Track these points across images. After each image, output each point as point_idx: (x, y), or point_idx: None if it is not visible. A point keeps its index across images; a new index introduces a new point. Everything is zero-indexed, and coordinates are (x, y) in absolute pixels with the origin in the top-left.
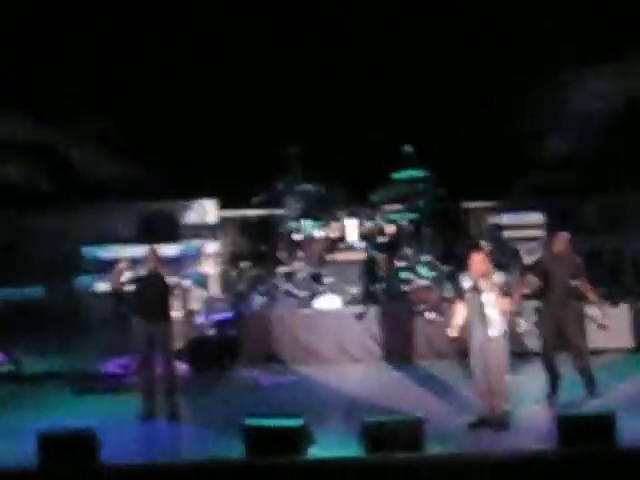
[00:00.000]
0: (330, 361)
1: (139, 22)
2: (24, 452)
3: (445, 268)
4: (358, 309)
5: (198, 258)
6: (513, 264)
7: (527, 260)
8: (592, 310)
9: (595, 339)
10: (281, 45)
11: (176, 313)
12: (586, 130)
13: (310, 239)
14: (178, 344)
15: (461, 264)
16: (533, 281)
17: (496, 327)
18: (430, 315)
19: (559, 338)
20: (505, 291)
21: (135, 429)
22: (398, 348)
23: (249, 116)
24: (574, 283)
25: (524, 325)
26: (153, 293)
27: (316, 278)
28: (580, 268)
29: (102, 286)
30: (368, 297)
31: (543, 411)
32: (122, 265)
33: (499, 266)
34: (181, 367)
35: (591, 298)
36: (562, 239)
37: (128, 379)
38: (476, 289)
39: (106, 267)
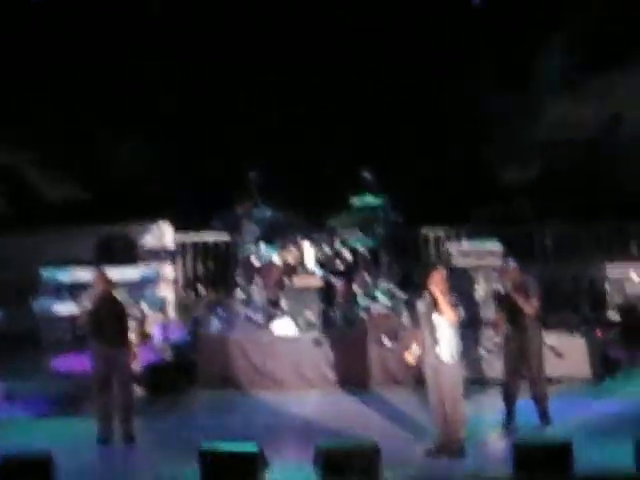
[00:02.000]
0: (287, 386)
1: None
2: None
3: (403, 295)
4: (315, 335)
5: (156, 281)
6: (467, 291)
7: (483, 288)
8: (550, 339)
9: (552, 367)
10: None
11: (132, 336)
12: (545, 159)
13: (268, 264)
14: (135, 367)
15: (418, 291)
16: (500, 314)
17: (449, 352)
18: (387, 342)
19: (522, 365)
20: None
21: (91, 453)
22: (355, 374)
23: (207, 139)
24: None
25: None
26: (109, 317)
27: (274, 303)
28: (533, 287)
29: (61, 308)
30: (325, 323)
31: (499, 438)
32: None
33: (455, 291)
34: (137, 391)
35: (525, 309)
36: (512, 270)
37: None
38: (430, 311)
39: (65, 289)
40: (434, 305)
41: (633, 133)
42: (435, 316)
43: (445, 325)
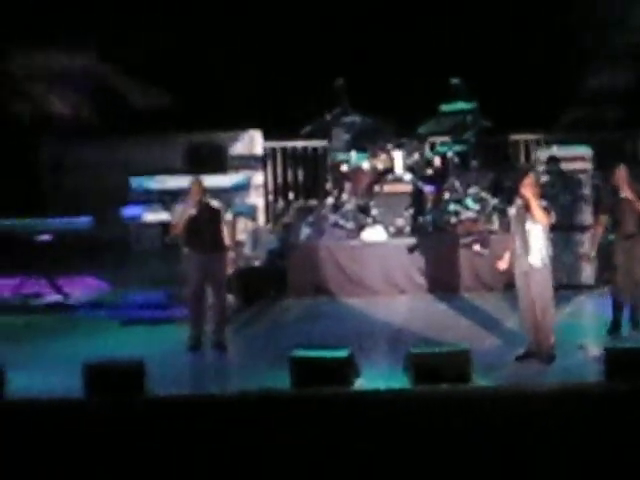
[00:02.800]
0: (377, 293)
1: None
2: (71, 382)
3: (493, 200)
4: (407, 241)
5: (246, 189)
6: (566, 196)
7: (576, 193)
8: None
9: None
10: None
11: (228, 242)
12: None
13: (357, 171)
14: (227, 275)
15: (509, 197)
16: (603, 218)
17: (539, 256)
18: (477, 247)
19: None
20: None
21: (182, 360)
22: (444, 280)
23: (295, 47)
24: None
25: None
26: (205, 225)
27: (363, 210)
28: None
29: (150, 216)
30: (415, 229)
31: (592, 345)
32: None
33: (550, 197)
34: (229, 298)
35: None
36: (621, 172)
37: (172, 311)
38: (521, 216)
39: (154, 197)
40: (526, 209)
41: None
42: (526, 221)
43: (536, 229)
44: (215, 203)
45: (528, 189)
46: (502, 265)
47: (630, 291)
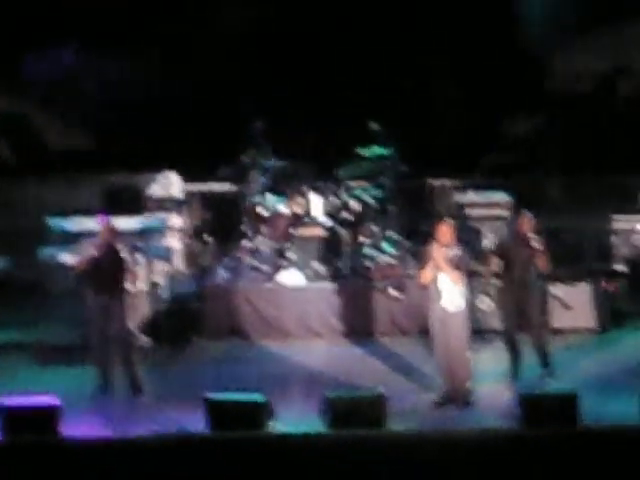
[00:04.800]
0: (293, 336)
1: None
2: None
3: (410, 245)
4: (322, 285)
5: (163, 231)
6: (474, 243)
7: (490, 240)
8: (556, 290)
9: (558, 319)
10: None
11: (140, 285)
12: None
13: (275, 214)
14: (142, 317)
15: (425, 241)
16: (495, 261)
17: (454, 303)
18: (393, 292)
19: (520, 317)
20: (457, 265)
21: (97, 402)
22: (361, 324)
23: (216, 90)
24: (534, 261)
25: (487, 303)
26: (107, 266)
27: (280, 253)
28: (540, 245)
29: (67, 257)
30: (332, 273)
31: (505, 389)
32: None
33: (461, 243)
34: (143, 340)
35: (540, 266)
36: (525, 219)
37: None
38: (436, 264)
39: (71, 238)
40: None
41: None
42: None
43: (448, 277)
44: (121, 247)
45: (445, 237)
46: (424, 279)
47: (533, 337)
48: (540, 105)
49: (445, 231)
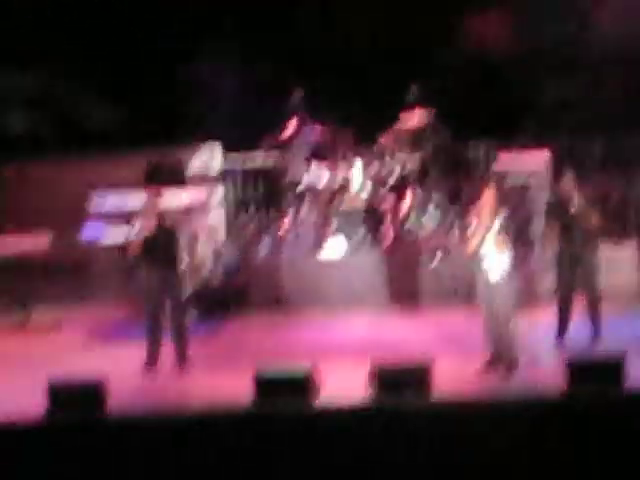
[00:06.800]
0: (338, 306)
1: None
2: (33, 402)
3: (453, 209)
4: (366, 255)
5: (205, 205)
6: (518, 207)
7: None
8: (604, 249)
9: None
10: None
11: (184, 260)
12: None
13: (318, 185)
14: (187, 291)
15: (469, 205)
16: (551, 223)
17: (498, 271)
18: (439, 259)
19: (576, 278)
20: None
21: (143, 378)
22: (406, 293)
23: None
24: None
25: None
26: (161, 241)
27: (324, 224)
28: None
29: (109, 234)
30: (375, 242)
31: (551, 354)
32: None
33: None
34: (190, 314)
35: (594, 222)
36: (568, 179)
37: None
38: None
39: (113, 215)
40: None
41: None
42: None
43: (491, 244)
44: (170, 222)
45: (486, 201)
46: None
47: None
48: (584, 66)
49: (489, 195)
